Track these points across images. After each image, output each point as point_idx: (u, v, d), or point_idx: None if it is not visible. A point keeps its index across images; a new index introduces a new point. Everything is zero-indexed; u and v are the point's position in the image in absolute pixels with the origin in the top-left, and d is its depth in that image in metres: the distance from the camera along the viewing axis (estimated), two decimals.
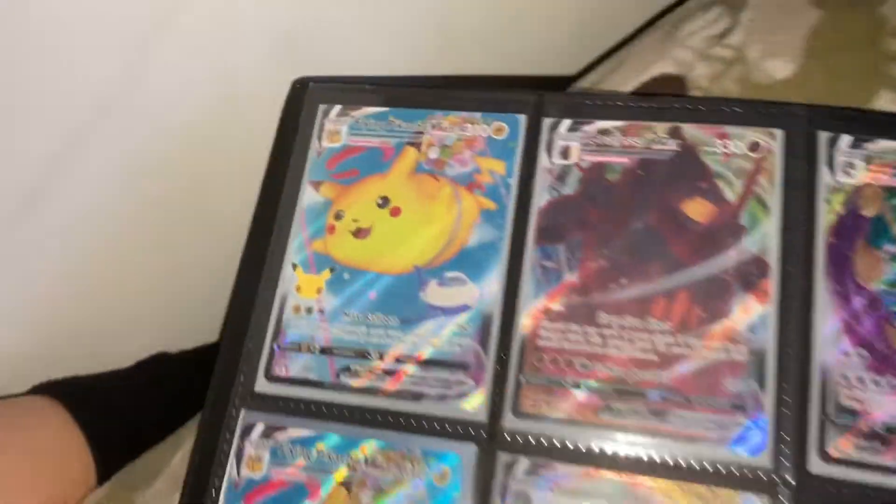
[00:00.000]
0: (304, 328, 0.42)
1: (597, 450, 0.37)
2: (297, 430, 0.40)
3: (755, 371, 0.37)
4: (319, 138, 0.45)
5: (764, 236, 0.38)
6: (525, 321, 0.39)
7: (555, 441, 0.37)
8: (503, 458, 0.38)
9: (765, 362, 0.37)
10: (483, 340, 0.39)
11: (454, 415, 0.39)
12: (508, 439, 0.38)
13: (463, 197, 0.42)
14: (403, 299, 0.41)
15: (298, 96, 0.47)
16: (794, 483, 0.35)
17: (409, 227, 0.42)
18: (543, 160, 0.42)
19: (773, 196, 0.39)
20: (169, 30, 0.42)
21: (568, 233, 0.40)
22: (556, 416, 0.38)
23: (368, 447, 0.39)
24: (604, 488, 0.37)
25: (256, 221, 0.45)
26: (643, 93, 0.45)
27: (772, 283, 0.37)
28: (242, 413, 0.41)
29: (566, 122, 0.42)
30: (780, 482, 0.35)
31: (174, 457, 0.46)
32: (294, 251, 0.43)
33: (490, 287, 0.40)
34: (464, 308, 0.40)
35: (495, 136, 0.43)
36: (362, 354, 0.41)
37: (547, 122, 0.42)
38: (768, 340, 0.37)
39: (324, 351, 0.41)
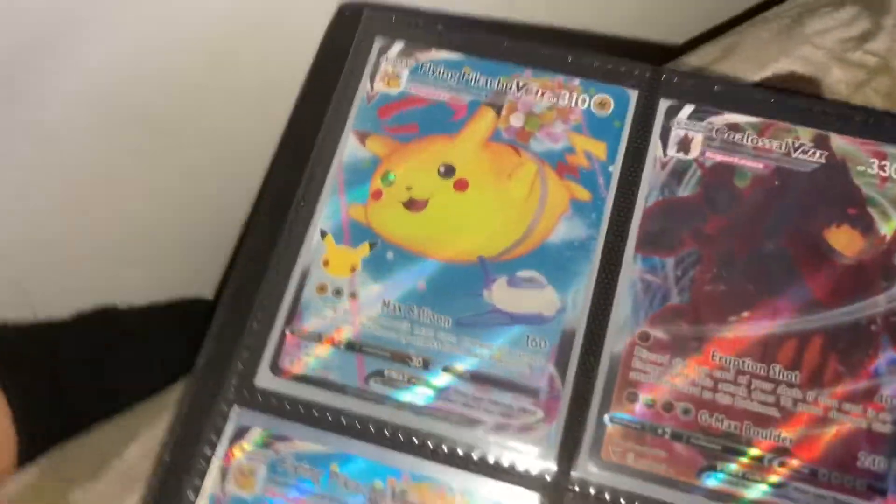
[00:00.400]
0: (328, 314, 0.33)
1: None
2: (305, 444, 0.31)
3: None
4: (372, 79, 0.36)
5: None
6: (617, 346, 0.31)
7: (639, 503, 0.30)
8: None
9: None
10: (560, 363, 0.31)
11: (514, 453, 0.31)
12: (579, 491, 0.30)
13: (549, 179, 0.34)
14: (461, 296, 0.32)
15: (347, 24, 0.38)
16: None
17: (476, 207, 0.34)
18: (656, 149, 0.34)
19: None
20: None
21: (679, 244, 0.32)
22: (644, 471, 0.30)
23: (398, 479, 0.31)
24: None
25: (278, 168, 0.36)
26: (778, 88, 0.38)
27: None
28: (235, 410, 0.32)
29: (688, 108, 0.34)
30: None
31: (128, 448, 0.37)
32: (325, 215, 0.34)
33: (575, 297, 0.32)
34: (538, 318, 0.32)
35: (597, 112, 0.35)
36: (402, 358, 0.32)
37: (664, 103, 0.34)
38: None
39: (351, 346, 0.32)
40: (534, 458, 0.30)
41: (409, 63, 0.36)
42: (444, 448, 0.31)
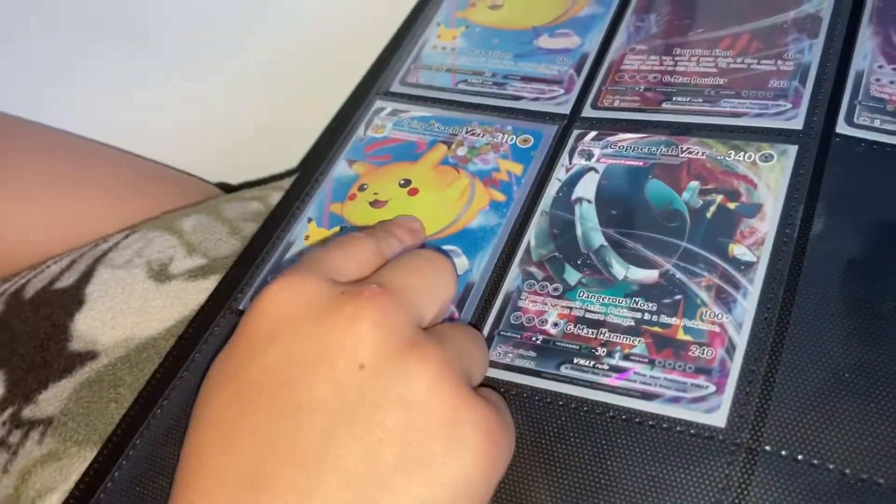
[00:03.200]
0: None
1: (654, 122, 0.45)
2: None
3: (799, 76, 0.45)
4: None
5: (820, 1, 0.48)
6: (614, 55, 0.50)
7: (621, 119, 0.46)
8: (576, 131, 0.46)
9: (808, 71, 0.45)
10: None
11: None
12: (584, 121, 0.47)
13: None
14: None
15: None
16: (820, 137, 0.41)
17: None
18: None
19: None
20: None
21: (660, 7, 0.51)
22: (625, 107, 0.46)
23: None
24: (652, 143, 0.44)
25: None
26: None
27: (822, 28, 0.46)
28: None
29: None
30: (807, 137, 0.41)
31: None
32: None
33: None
34: None
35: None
36: None
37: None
38: (814, 58, 0.45)
39: None
40: (555, 111, 0.48)
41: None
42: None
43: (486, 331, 0.39)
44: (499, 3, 0.50)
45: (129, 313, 0.46)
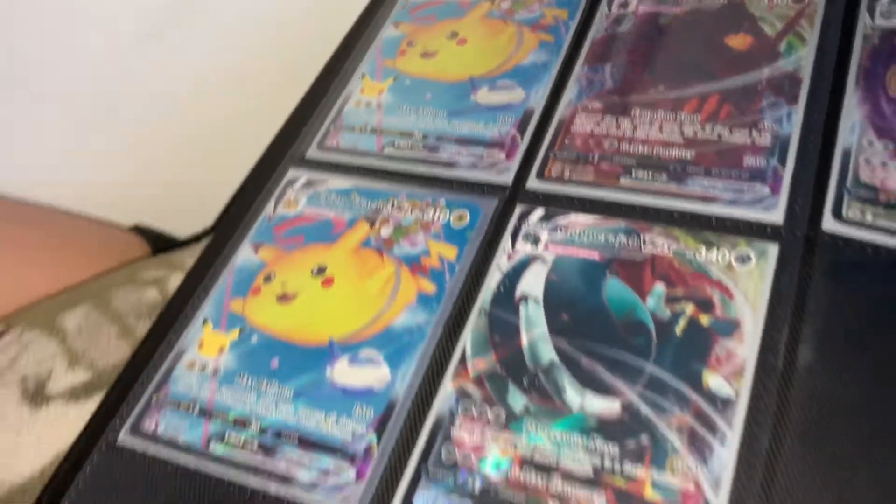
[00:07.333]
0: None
1: (611, 204, 0.38)
2: None
3: (778, 152, 0.38)
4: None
5: (799, 59, 0.41)
6: (563, 113, 0.42)
7: (573, 197, 0.39)
8: (520, 208, 0.39)
9: (788, 145, 0.38)
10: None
11: None
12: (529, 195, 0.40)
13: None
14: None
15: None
16: (804, 236, 0.35)
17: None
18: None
19: (812, 33, 0.42)
20: None
21: (616, 57, 0.44)
22: (577, 180, 0.39)
23: None
24: (610, 231, 0.37)
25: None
26: None
27: (802, 92, 0.40)
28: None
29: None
30: (790, 235, 0.35)
31: None
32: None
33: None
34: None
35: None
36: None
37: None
38: (794, 130, 0.38)
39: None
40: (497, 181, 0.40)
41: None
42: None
43: (411, 465, 0.32)
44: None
45: None
